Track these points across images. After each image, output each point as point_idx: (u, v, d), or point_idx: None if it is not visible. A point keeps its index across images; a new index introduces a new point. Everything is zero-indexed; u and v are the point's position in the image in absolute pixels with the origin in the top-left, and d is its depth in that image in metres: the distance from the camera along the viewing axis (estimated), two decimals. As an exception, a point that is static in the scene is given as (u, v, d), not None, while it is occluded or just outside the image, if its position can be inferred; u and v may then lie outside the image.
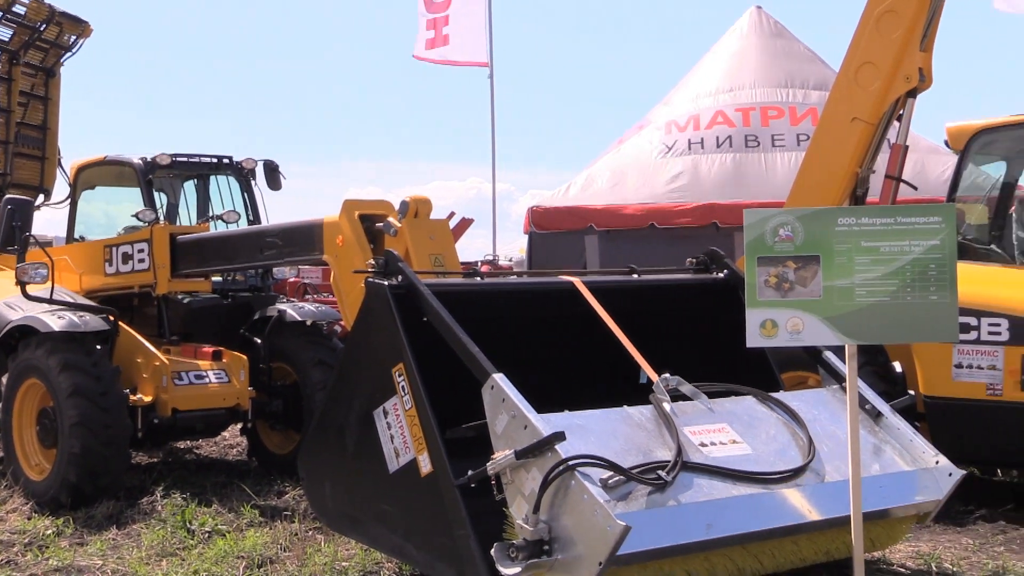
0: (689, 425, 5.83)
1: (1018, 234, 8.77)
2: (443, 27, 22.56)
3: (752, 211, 5.93)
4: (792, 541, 5.81)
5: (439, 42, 22.61)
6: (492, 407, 5.47)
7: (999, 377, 7.93)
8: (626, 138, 15.74)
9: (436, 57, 22.82)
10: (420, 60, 22.80)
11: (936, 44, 9.01)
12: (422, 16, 22.49)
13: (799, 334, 5.75)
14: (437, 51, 22.67)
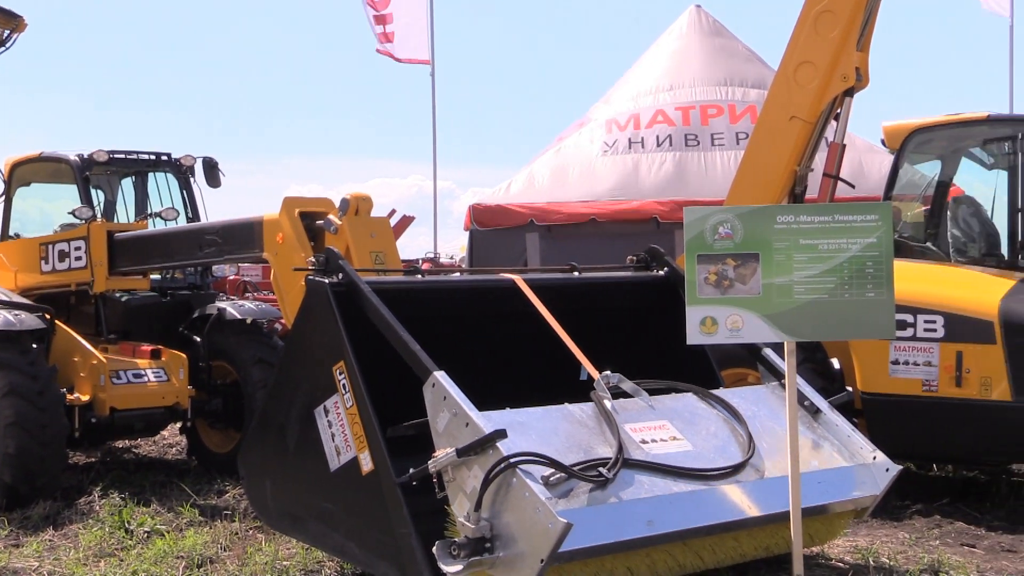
0: (630, 422, 5.86)
1: (953, 232, 8.88)
2: (387, 24, 22.52)
3: (692, 209, 5.96)
4: (732, 537, 5.85)
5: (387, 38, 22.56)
6: (433, 405, 5.46)
7: (935, 373, 8.03)
8: (566, 136, 15.75)
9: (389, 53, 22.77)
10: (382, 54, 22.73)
11: (873, 43, 9.11)
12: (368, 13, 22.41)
13: (739, 331, 5.80)
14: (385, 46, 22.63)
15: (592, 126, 15.32)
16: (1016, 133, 8.65)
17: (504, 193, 14.59)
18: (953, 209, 8.97)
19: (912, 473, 9.20)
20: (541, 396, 5.85)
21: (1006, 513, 8.02)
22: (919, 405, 8.09)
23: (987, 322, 7.86)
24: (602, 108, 15.79)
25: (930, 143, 9.09)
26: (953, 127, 9.00)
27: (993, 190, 9.05)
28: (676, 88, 15.22)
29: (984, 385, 7.85)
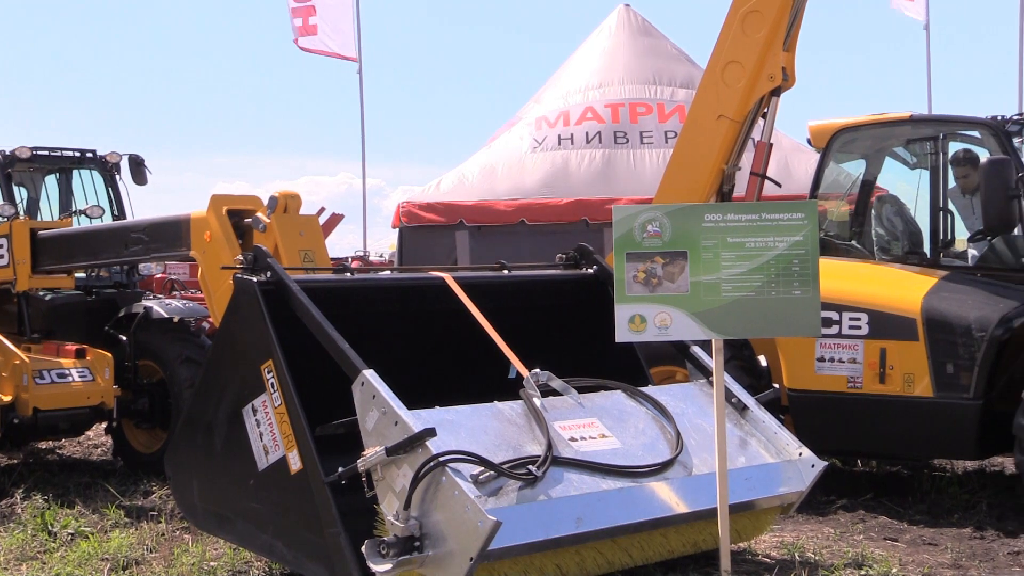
0: (559, 420, 5.88)
1: (877, 231, 9.00)
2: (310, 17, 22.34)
3: (621, 207, 6.00)
4: (661, 534, 5.89)
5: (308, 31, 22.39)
6: (362, 404, 5.44)
7: (859, 370, 8.13)
8: (497, 135, 15.78)
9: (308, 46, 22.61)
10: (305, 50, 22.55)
11: (799, 44, 9.21)
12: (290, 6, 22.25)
13: (667, 329, 5.83)
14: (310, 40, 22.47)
15: (522, 124, 15.34)
16: (938, 133, 8.78)
17: (434, 191, 14.57)
18: (877, 208, 9.09)
19: (837, 469, 9.31)
20: (471, 394, 5.86)
21: (928, 507, 8.14)
22: (844, 401, 8.19)
23: (910, 319, 7.97)
24: (532, 107, 15.83)
25: (855, 142, 9.20)
26: (877, 127, 9.11)
27: (916, 189, 9.17)
28: (605, 86, 15.28)
29: (907, 381, 7.96)
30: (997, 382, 7.79)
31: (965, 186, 8.72)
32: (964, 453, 8.39)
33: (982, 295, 7.97)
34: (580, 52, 16.51)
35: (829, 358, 8.21)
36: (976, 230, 8.62)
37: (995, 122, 8.45)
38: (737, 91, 9.03)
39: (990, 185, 7.86)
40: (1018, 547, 7.04)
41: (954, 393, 7.81)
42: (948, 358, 7.82)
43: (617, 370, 6.75)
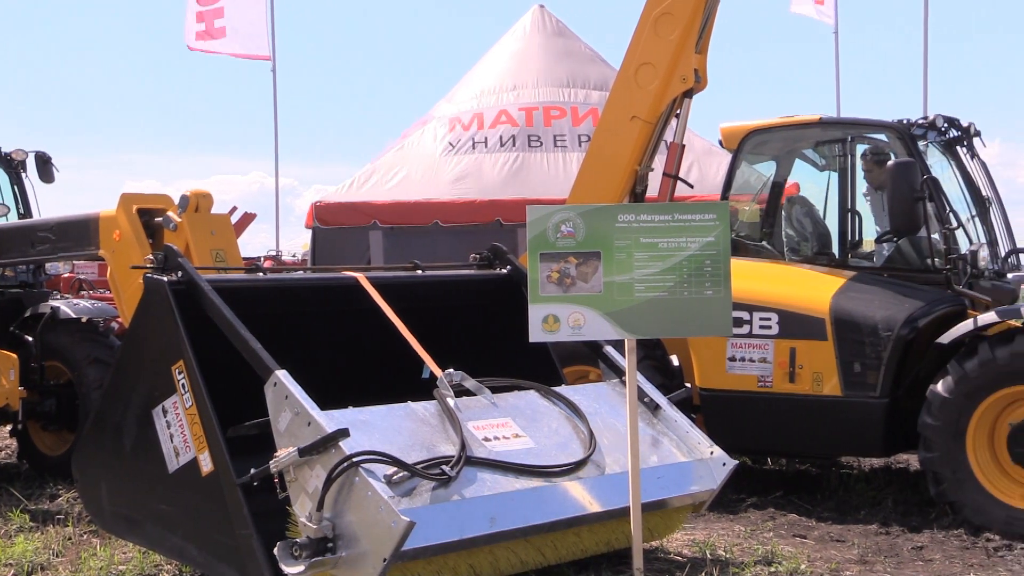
0: (473, 420, 5.88)
1: (787, 231, 9.10)
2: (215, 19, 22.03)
3: (535, 207, 6.00)
4: (574, 533, 5.91)
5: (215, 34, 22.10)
6: (275, 404, 5.41)
7: (769, 369, 8.22)
8: (409, 134, 15.72)
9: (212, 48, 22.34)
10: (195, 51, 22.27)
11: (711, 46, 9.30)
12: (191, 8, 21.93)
13: (580, 329, 5.86)
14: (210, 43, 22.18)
15: (435, 124, 15.32)
16: (846, 136, 8.92)
17: (347, 191, 14.50)
18: (787, 209, 9.20)
19: (747, 467, 9.40)
20: (385, 394, 5.84)
21: (835, 504, 8.26)
22: (754, 400, 8.28)
23: (819, 319, 8.08)
24: (445, 106, 15.80)
25: (766, 144, 9.30)
26: (787, 129, 9.23)
27: (825, 190, 9.30)
28: (519, 88, 15.31)
29: (816, 380, 8.07)
30: (903, 381, 7.93)
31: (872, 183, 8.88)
32: (871, 451, 8.53)
33: (889, 295, 8.11)
34: (494, 52, 16.52)
35: (740, 357, 8.30)
36: (883, 231, 8.78)
37: (901, 125, 8.60)
38: (650, 93, 9.09)
39: (896, 187, 7.99)
40: (921, 542, 7.17)
41: (861, 392, 7.94)
42: (856, 357, 7.95)
43: (530, 370, 6.77)
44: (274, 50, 23.02)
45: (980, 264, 8.24)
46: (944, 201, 8.27)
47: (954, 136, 9.02)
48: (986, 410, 7.38)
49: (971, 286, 8.16)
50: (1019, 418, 7.34)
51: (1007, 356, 7.29)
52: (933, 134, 8.78)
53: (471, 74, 16.43)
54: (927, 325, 7.91)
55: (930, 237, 8.32)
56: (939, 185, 8.31)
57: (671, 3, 8.96)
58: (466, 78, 16.40)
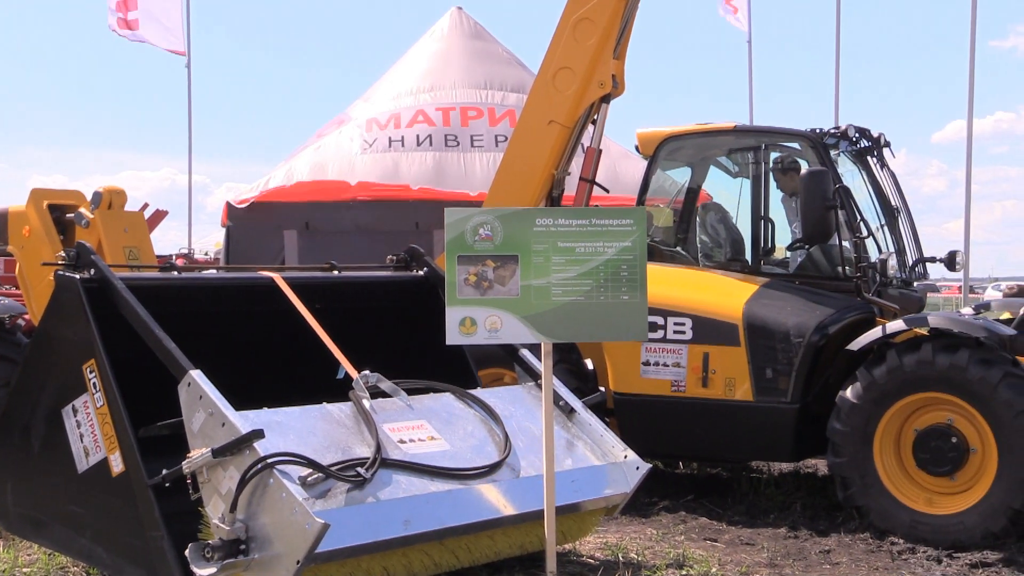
0: (388, 422, 5.87)
1: (701, 237, 9.20)
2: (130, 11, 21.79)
3: (453, 210, 6.00)
4: (488, 536, 5.92)
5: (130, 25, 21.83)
6: (188, 405, 5.35)
7: (683, 374, 8.30)
8: (326, 133, 15.63)
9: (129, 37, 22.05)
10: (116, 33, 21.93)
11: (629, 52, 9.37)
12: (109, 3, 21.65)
13: (497, 332, 5.87)
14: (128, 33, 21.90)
15: (352, 124, 15.25)
16: (760, 143, 9.03)
17: (262, 189, 14.38)
18: (702, 215, 9.29)
19: (659, 471, 9.48)
20: (300, 395, 5.80)
21: (746, 508, 8.36)
22: (668, 405, 8.35)
23: (732, 325, 8.17)
24: (362, 106, 15.74)
25: (681, 150, 9.39)
26: (703, 136, 9.32)
27: (738, 198, 9.41)
28: (436, 89, 15.30)
29: (728, 386, 8.17)
30: (813, 387, 8.05)
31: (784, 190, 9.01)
32: (781, 455, 8.64)
33: (800, 302, 8.22)
34: (412, 53, 16.49)
35: (654, 362, 8.37)
36: (795, 239, 8.90)
37: (814, 134, 8.73)
38: (568, 97, 9.13)
39: (809, 196, 8.11)
40: (829, 546, 7.28)
41: (773, 397, 8.04)
42: (767, 363, 8.05)
43: (446, 372, 6.77)
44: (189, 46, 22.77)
45: (889, 273, 8.40)
46: (855, 210, 8.41)
47: (865, 146, 9.19)
48: (893, 416, 7.51)
49: (880, 294, 8.31)
50: (924, 424, 7.48)
51: (914, 363, 7.42)
52: (845, 144, 8.92)
53: (388, 75, 16.38)
54: (837, 332, 8.04)
55: (841, 245, 8.47)
56: (850, 194, 8.44)
57: (590, 8, 9.01)
58: (383, 79, 16.35)
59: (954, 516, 7.33)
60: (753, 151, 9.10)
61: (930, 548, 7.15)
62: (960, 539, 7.21)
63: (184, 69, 23.34)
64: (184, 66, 23.30)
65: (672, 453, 9.19)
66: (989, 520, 7.20)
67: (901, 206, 9.33)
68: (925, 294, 9.39)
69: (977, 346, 7.38)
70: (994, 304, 9.50)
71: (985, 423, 7.26)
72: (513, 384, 7.27)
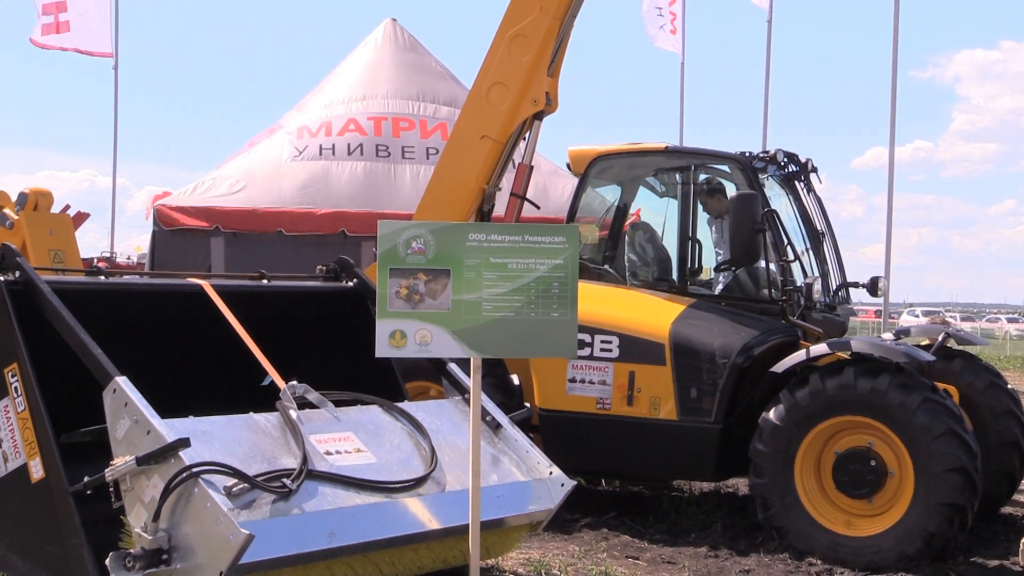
0: (315, 433, 5.84)
1: (629, 256, 9.26)
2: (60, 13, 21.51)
3: (386, 222, 5.99)
4: (412, 549, 5.90)
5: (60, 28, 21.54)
6: (113, 411, 5.29)
7: (608, 392, 8.35)
8: (257, 141, 15.55)
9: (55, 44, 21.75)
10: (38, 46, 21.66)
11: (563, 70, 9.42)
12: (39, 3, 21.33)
13: (427, 346, 5.85)
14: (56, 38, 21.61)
15: (283, 132, 15.18)
16: (689, 164, 9.13)
17: (191, 194, 14.25)
18: (630, 234, 9.36)
19: (582, 488, 9.49)
20: (227, 405, 5.76)
21: (667, 527, 8.41)
22: (593, 422, 8.39)
23: (658, 344, 8.24)
24: (294, 116, 15.69)
25: (611, 169, 9.45)
26: (633, 155, 9.40)
27: (665, 218, 9.49)
28: (369, 99, 15.28)
29: (653, 404, 8.23)
30: (737, 407, 8.13)
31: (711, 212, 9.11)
32: (704, 475, 8.71)
33: (726, 323, 8.31)
34: (346, 64, 16.47)
35: (580, 379, 8.41)
36: (722, 260, 8.99)
37: (743, 157, 8.84)
38: (501, 112, 9.16)
39: (738, 218, 8.20)
40: (748, 566, 7.35)
41: (697, 417, 8.11)
42: (693, 383, 8.13)
43: (374, 384, 6.75)
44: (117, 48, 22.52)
45: (814, 296, 8.51)
46: (782, 234, 8.52)
47: (793, 171, 9.31)
48: (814, 438, 7.61)
49: (804, 317, 8.42)
50: (845, 447, 7.59)
51: (836, 387, 7.53)
52: (773, 168, 9.04)
53: (322, 85, 16.34)
54: (762, 354, 8.13)
55: (768, 268, 8.56)
56: (778, 218, 8.55)
57: (525, 25, 9.05)
58: (317, 89, 16.31)
59: (871, 538, 7.44)
60: (683, 172, 9.20)
61: (847, 570, 7.25)
62: (876, 561, 7.31)
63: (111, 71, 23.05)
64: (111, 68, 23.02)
65: (596, 470, 9.24)
66: (904, 543, 7.32)
67: (826, 231, 9.47)
68: (848, 318, 9.53)
69: (897, 371, 7.50)
70: (913, 330, 9.63)
71: (903, 447, 7.38)
72: (440, 398, 7.26)
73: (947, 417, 7.30)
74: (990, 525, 8.55)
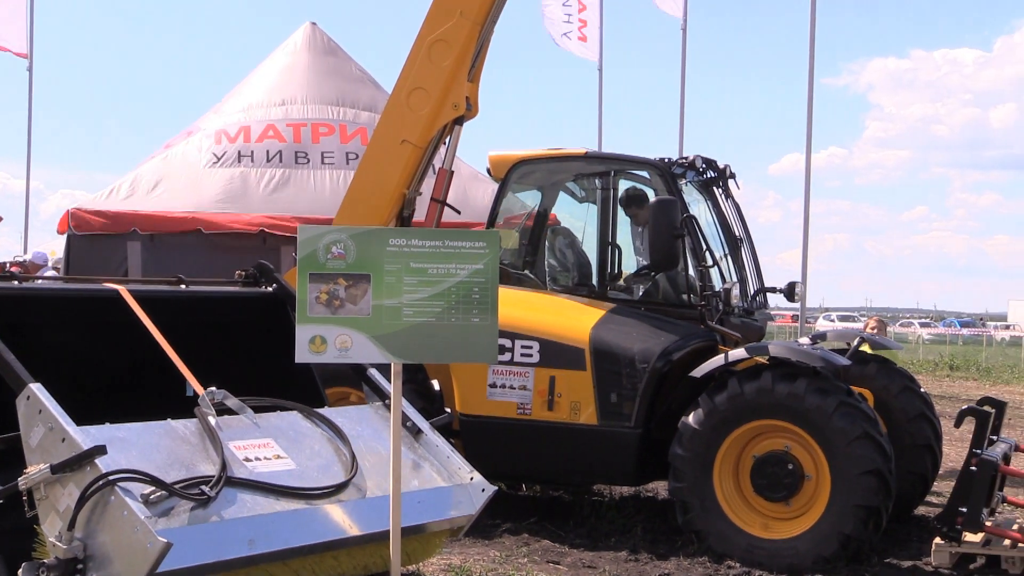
0: (234, 440, 5.78)
1: (549, 261, 9.30)
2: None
3: (306, 227, 5.95)
4: (332, 556, 5.86)
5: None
6: (27, 419, 5.19)
7: (529, 397, 8.37)
8: (174, 144, 15.36)
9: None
10: None
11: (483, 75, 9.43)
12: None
13: (347, 351, 5.83)
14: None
15: (201, 136, 15.01)
16: (609, 170, 9.18)
17: (107, 198, 14.05)
18: (551, 239, 9.40)
19: (502, 493, 9.53)
20: (145, 411, 5.68)
21: (587, 531, 8.45)
22: (514, 427, 8.41)
23: (578, 349, 8.27)
24: (212, 118, 15.52)
25: (532, 175, 9.48)
26: (553, 161, 9.44)
27: (585, 223, 9.54)
28: (288, 104, 15.17)
29: (574, 409, 8.26)
30: (656, 412, 8.19)
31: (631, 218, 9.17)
32: (625, 479, 8.77)
33: (646, 328, 8.37)
34: (264, 67, 16.33)
35: (501, 384, 8.42)
36: (642, 265, 9.05)
37: (662, 164, 8.91)
38: (421, 117, 9.16)
39: (657, 224, 8.26)
40: (668, 569, 7.40)
41: (617, 422, 8.16)
42: (612, 388, 8.17)
43: (294, 390, 6.70)
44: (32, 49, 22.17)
45: (732, 302, 8.60)
46: (701, 239, 8.60)
47: (711, 176, 9.40)
48: (733, 442, 7.69)
49: (723, 322, 8.51)
50: (763, 451, 7.68)
51: (754, 391, 7.62)
52: (692, 173, 9.12)
53: (240, 88, 16.19)
54: (681, 358, 8.20)
55: (687, 273, 8.64)
56: (697, 223, 8.63)
57: (446, 30, 9.05)
58: (235, 91, 16.15)
59: (788, 541, 7.53)
60: (602, 177, 9.24)
61: (765, 572, 7.34)
62: (793, 563, 7.41)
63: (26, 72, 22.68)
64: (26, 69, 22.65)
65: (517, 475, 9.24)
66: (821, 545, 7.42)
67: (744, 236, 9.57)
68: (766, 323, 9.64)
69: (814, 375, 7.60)
70: (829, 334, 9.76)
71: (820, 450, 7.49)
72: (360, 403, 7.23)
73: (862, 421, 7.41)
74: (904, 527, 8.70)
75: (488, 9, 9.01)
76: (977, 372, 31.85)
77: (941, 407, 14.11)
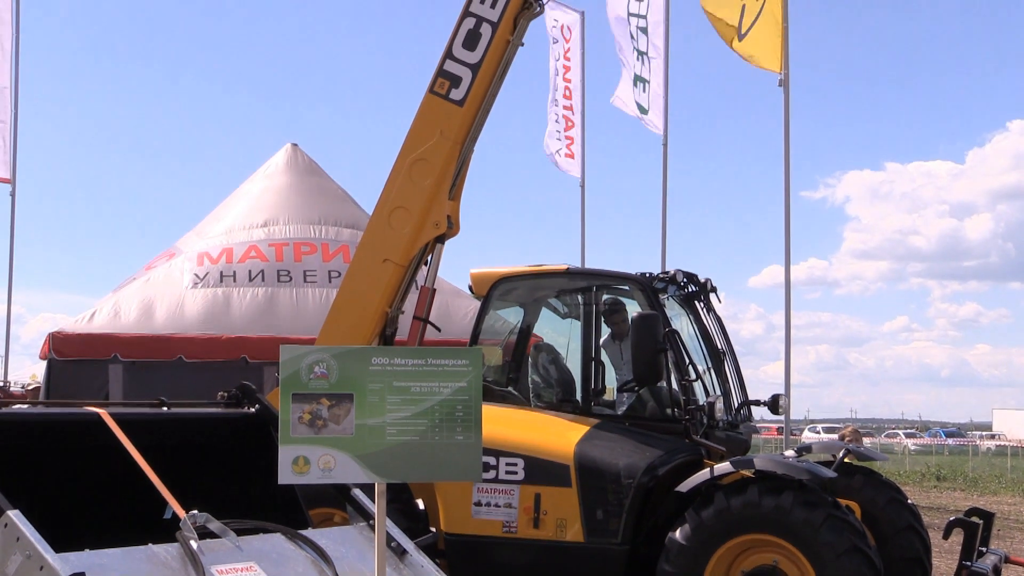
0: (217, 563, 5.70)
1: (533, 378, 9.29)
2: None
3: (288, 347, 5.94)
4: None
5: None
6: (4, 546, 5.12)
7: (514, 515, 8.30)
8: (155, 265, 15.41)
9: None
10: None
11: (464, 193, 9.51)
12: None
13: (331, 471, 5.79)
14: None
15: (182, 258, 15.07)
16: (591, 286, 9.22)
17: (87, 322, 14.03)
18: (534, 356, 9.40)
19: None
20: (126, 536, 5.60)
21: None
22: (499, 546, 8.32)
23: (564, 465, 8.23)
24: (193, 240, 15.59)
25: (514, 291, 9.51)
26: (535, 277, 9.48)
27: (568, 339, 9.55)
28: (271, 224, 15.28)
29: (560, 526, 8.19)
30: (643, 527, 8.12)
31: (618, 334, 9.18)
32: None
33: (630, 443, 8.33)
34: (246, 187, 16.48)
35: (486, 502, 8.35)
36: (625, 380, 9.05)
37: (644, 278, 8.95)
38: (403, 236, 9.21)
39: (639, 339, 8.28)
40: None
41: (603, 538, 8.09)
42: (598, 504, 8.11)
43: (277, 511, 6.63)
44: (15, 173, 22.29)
45: (717, 415, 8.58)
46: (684, 353, 8.61)
47: (692, 291, 9.45)
48: (721, 557, 7.62)
49: (707, 436, 8.48)
50: (751, 566, 7.61)
51: (740, 505, 7.57)
52: (673, 288, 9.17)
53: (221, 208, 16.31)
54: (666, 473, 8.16)
55: (670, 388, 8.64)
56: (679, 337, 8.65)
57: (426, 150, 9.15)
58: (216, 212, 16.27)
59: (780, 657, 7.43)
60: (584, 293, 9.28)
61: None
62: None
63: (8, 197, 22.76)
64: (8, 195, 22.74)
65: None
66: (813, 661, 7.31)
67: (726, 349, 9.59)
68: (751, 436, 9.61)
69: (800, 488, 7.56)
70: (815, 446, 9.74)
71: (808, 564, 7.42)
72: (344, 524, 7.15)
73: (851, 533, 7.36)
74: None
75: (468, 129, 9.12)
76: (964, 482, 31.70)
77: (929, 518, 14.02)
